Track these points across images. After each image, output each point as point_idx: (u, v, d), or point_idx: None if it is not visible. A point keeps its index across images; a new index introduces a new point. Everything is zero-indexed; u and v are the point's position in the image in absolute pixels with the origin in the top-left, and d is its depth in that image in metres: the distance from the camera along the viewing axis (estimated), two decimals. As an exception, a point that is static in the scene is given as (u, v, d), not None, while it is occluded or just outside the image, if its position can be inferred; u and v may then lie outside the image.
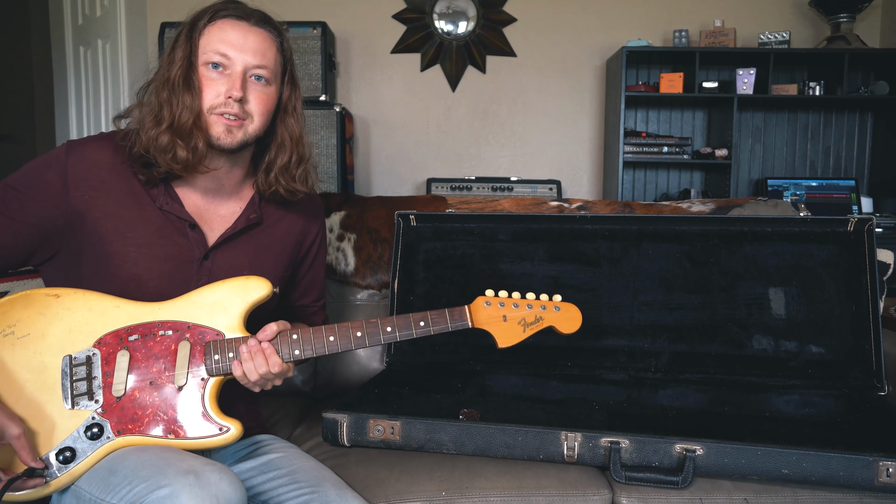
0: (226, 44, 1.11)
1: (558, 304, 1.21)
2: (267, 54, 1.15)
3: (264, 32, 1.15)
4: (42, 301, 1.08)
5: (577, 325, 1.20)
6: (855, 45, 3.50)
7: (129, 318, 1.09)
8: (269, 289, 1.13)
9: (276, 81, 1.18)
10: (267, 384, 1.12)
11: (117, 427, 1.03)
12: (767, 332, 1.57)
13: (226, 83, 1.11)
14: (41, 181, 1.11)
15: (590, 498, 1.16)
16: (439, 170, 3.87)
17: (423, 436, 1.23)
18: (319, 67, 3.28)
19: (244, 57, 1.12)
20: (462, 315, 1.18)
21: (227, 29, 1.12)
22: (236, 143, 1.13)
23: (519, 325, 1.19)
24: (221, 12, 1.14)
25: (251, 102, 1.13)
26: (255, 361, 1.08)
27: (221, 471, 0.94)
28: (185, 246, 1.16)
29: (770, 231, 1.60)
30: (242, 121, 1.13)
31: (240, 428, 1.06)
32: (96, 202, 1.12)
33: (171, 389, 1.06)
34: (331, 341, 1.14)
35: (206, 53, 1.11)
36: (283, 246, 1.29)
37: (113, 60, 3.46)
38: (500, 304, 1.19)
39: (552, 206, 1.88)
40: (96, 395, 1.04)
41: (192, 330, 1.09)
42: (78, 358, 1.06)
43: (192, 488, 0.88)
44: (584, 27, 3.81)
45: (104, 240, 1.12)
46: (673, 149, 3.61)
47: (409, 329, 1.16)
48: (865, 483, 1.09)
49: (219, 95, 1.11)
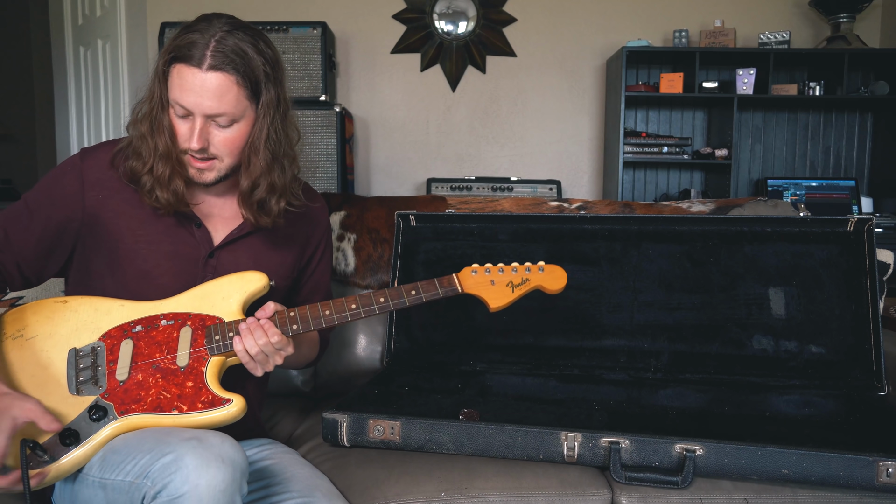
0: (183, 92, 1.10)
1: (543, 265, 1.24)
2: (225, 98, 1.10)
3: (220, 75, 1.09)
4: (51, 307, 1.14)
5: (562, 283, 1.23)
6: (855, 45, 3.49)
7: (133, 313, 1.14)
8: (265, 282, 1.17)
9: (244, 116, 1.14)
10: (268, 362, 1.12)
11: (121, 408, 1.05)
12: (767, 332, 1.57)
13: (189, 130, 1.12)
14: (60, 185, 1.18)
15: (589, 498, 1.16)
16: (439, 170, 3.87)
17: (423, 436, 1.23)
18: (319, 67, 3.28)
19: (201, 105, 1.10)
20: (451, 282, 1.21)
21: (184, 75, 1.10)
22: (211, 180, 1.17)
23: (507, 287, 1.21)
24: (179, 56, 1.10)
25: (216, 146, 1.14)
26: (254, 335, 1.10)
27: (222, 435, 0.96)
28: (191, 244, 1.20)
29: (770, 231, 1.60)
30: (212, 160, 1.15)
31: (242, 403, 1.06)
32: (109, 201, 1.18)
33: (174, 370, 1.08)
34: (326, 314, 1.16)
35: (172, 100, 1.12)
36: (287, 248, 1.30)
37: (113, 60, 3.46)
38: (486, 270, 1.22)
39: (552, 206, 1.88)
40: (101, 382, 1.07)
41: (194, 318, 1.13)
42: (83, 350, 1.10)
43: (196, 450, 0.90)
44: (584, 27, 3.81)
45: (117, 237, 1.17)
46: (673, 149, 3.61)
47: (402, 298, 1.19)
48: (865, 483, 1.09)
49: (186, 141, 1.13)
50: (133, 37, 3.45)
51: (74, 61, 3.80)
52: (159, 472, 0.89)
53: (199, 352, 1.10)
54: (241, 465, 0.93)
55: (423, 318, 1.70)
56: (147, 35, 3.64)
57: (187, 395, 1.06)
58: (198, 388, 1.07)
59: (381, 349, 1.74)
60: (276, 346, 1.11)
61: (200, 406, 1.05)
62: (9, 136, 4.91)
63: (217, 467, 0.89)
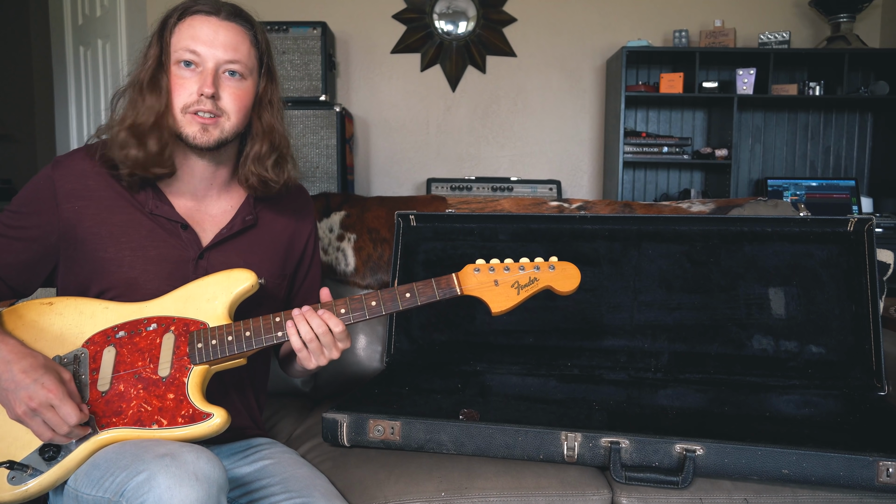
0: (196, 40, 1.10)
1: (554, 263, 1.12)
2: (239, 48, 1.12)
3: (236, 26, 1.13)
4: (36, 310, 1.10)
5: (575, 283, 1.11)
6: (855, 45, 3.49)
7: (117, 317, 1.10)
8: (253, 280, 1.12)
9: (252, 75, 1.16)
10: (322, 354, 1.10)
11: (101, 421, 1.03)
12: (767, 332, 1.57)
13: (198, 81, 1.10)
14: (34, 199, 1.14)
15: (589, 498, 1.16)
16: (439, 170, 3.87)
17: (423, 436, 1.23)
18: (319, 67, 3.29)
19: (215, 52, 1.10)
20: (450, 283, 1.11)
21: (196, 25, 1.11)
22: (213, 141, 1.13)
23: (512, 289, 1.10)
24: (191, 8, 1.12)
25: (225, 99, 1.12)
26: (311, 322, 1.07)
27: (198, 450, 0.93)
28: (178, 247, 1.17)
29: (770, 231, 1.60)
30: (218, 118, 1.12)
31: (224, 416, 1.03)
32: (87, 211, 1.14)
33: (155, 381, 1.05)
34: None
35: (177, 52, 1.11)
36: (276, 245, 1.29)
37: (113, 60, 3.45)
38: (490, 269, 1.11)
39: (552, 206, 1.88)
40: (83, 393, 1.04)
41: (177, 322, 1.09)
42: (66, 357, 1.07)
43: (169, 468, 0.87)
44: (584, 27, 3.81)
45: (98, 246, 1.13)
46: (673, 149, 3.61)
47: (395, 301, 1.11)
48: (865, 483, 1.09)
49: (192, 94, 1.10)
50: (133, 37, 3.45)
51: (74, 61, 3.80)
52: (133, 492, 0.87)
53: (182, 361, 1.06)
54: (218, 480, 0.91)
55: (423, 317, 1.70)
56: (147, 35, 3.63)
57: (168, 408, 1.03)
58: (178, 401, 1.04)
59: (381, 349, 1.74)
60: (338, 338, 1.08)
61: (181, 420, 1.02)
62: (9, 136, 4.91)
63: (190, 486, 0.86)
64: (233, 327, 1.09)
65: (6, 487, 1.00)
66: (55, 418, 0.97)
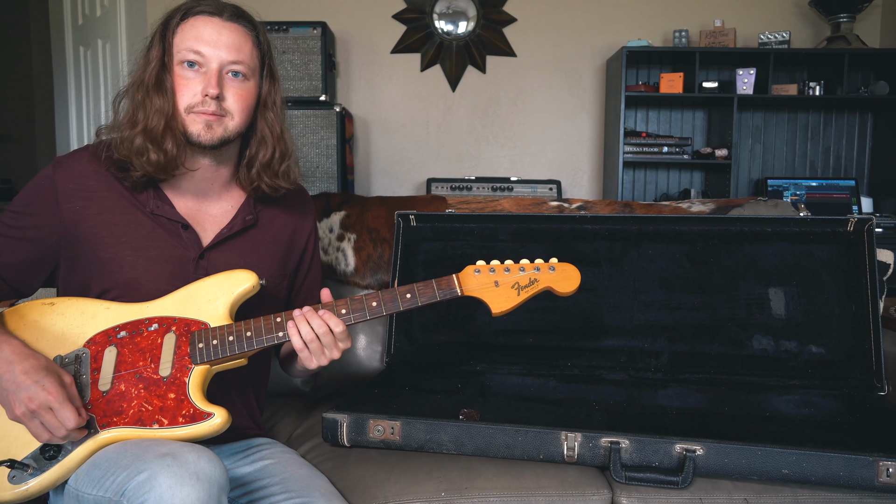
0: (199, 41, 1.10)
1: (554, 264, 1.13)
2: (242, 49, 1.13)
3: (239, 27, 1.14)
4: (38, 310, 1.11)
5: (575, 284, 1.12)
6: (855, 45, 3.50)
7: (118, 317, 1.10)
8: (254, 280, 1.12)
9: (255, 76, 1.17)
10: (323, 354, 1.10)
11: (102, 421, 1.03)
12: (767, 332, 1.57)
13: (202, 81, 1.11)
14: (35, 199, 1.14)
15: (589, 498, 1.16)
16: (439, 170, 3.87)
17: (423, 436, 1.23)
18: (319, 67, 3.29)
19: (219, 53, 1.11)
20: (450, 283, 1.12)
21: (199, 26, 1.11)
22: (216, 139, 1.13)
23: (513, 290, 1.11)
24: (194, 9, 1.13)
25: (229, 99, 1.13)
26: (311, 323, 1.07)
27: (199, 450, 0.93)
28: (179, 247, 1.17)
29: (770, 231, 1.60)
30: (221, 117, 1.13)
31: (225, 416, 1.03)
32: (88, 211, 1.14)
33: (157, 380, 1.05)
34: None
35: (181, 52, 1.11)
36: (276, 245, 1.29)
37: (113, 60, 3.46)
38: (490, 270, 1.12)
39: (552, 206, 1.88)
40: (84, 392, 1.04)
41: (179, 323, 1.09)
42: (68, 357, 1.07)
43: (170, 468, 0.88)
44: (584, 27, 3.81)
45: (99, 247, 1.13)
46: (673, 149, 3.61)
47: (396, 302, 1.11)
48: (865, 483, 1.09)
49: (195, 95, 1.11)
50: (133, 37, 3.45)
51: (74, 61, 3.80)
52: (134, 491, 0.87)
53: (183, 360, 1.06)
54: (219, 480, 0.90)
55: (423, 318, 1.70)
56: (147, 35, 3.64)
57: (168, 407, 1.03)
58: (179, 401, 1.04)
59: (381, 349, 1.74)
60: (339, 338, 1.09)
61: (181, 420, 1.02)
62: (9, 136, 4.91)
63: (191, 485, 0.86)
64: (234, 327, 1.09)
65: (7, 486, 1.00)
66: (53, 421, 0.97)
